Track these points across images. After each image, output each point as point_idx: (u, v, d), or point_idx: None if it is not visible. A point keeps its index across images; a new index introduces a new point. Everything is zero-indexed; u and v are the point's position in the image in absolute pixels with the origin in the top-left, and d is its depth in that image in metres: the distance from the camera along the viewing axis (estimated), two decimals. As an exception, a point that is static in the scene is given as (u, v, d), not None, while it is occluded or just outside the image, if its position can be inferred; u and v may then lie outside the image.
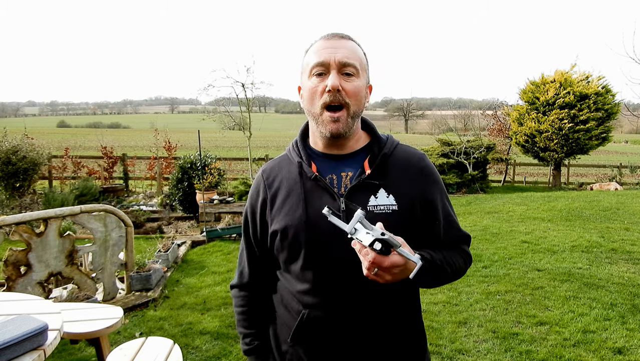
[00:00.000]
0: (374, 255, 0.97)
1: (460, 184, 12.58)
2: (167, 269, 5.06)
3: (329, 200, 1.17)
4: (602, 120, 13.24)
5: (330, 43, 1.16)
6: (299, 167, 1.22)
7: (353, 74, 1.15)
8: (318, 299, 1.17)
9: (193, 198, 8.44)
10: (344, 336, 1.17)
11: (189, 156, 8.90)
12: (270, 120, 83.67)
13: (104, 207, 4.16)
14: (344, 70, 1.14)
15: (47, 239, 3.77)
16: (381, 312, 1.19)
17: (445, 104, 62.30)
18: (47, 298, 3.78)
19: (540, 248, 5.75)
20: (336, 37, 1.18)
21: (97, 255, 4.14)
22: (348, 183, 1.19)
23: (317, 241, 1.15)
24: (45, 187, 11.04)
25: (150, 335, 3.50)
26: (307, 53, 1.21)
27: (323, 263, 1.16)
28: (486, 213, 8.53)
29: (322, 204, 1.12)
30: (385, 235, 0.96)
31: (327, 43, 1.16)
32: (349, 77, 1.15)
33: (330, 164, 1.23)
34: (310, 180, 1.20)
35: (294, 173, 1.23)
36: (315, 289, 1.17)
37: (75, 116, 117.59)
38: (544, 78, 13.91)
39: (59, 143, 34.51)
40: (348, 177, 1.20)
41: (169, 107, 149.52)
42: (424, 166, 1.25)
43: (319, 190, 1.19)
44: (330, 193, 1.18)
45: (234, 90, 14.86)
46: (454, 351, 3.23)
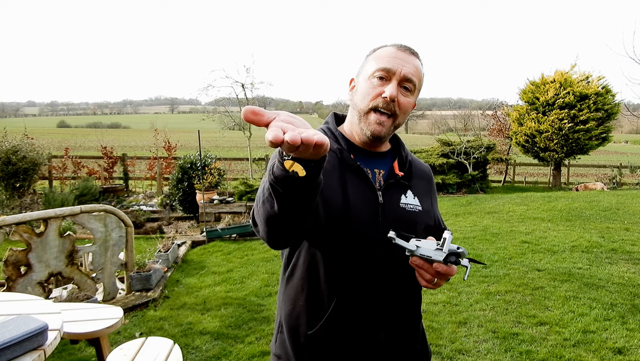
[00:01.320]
0: (445, 268, 1.06)
1: (460, 184, 12.58)
2: (167, 269, 5.06)
3: (367, 192, 1.21)
4: (602, 120, 13.24)
5: (402, 55, 1.21)
6: (339, 153, 1.24)
7: (410, 90, 1.21)
8: (350, 286, 1.18)
9: (193, 198, 8.44)
10: (367, 328, 1.20)
11: (189, 156, 8.90)
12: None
13: (104, 207, 4.16)
14: (404, 84, 1.20)
15: (47, 239, 3.77)
16: (405, 303, 1.26)
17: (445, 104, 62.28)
18: (47, 298, 3.78)
19: (540, 248, 5.75)
20: (408, 51, 1.22)
21: (97, 255, 4.14)
22: (381, 179, 1.26)
23: (355, 231, 1.17)
24: (45, 187, 11.04)
25: (150, 335, 3.50)
26: (373, 54, 1.25)
27: (359, 252, 1.18)
28: (486, 213, 8.53)
29: (360, 193, 1.19)
30: (461, 249, 1.06)
31: (399, 54, 1.21)
32: (406, 91, 1.21)
33: (364, 159, 1.28)
34: (350, 168, 1.23)
35: (333, 159, 1.23)
36: (349, 276, 1.18)
37: (75, 116, 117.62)
38: (544, 78, 13.91)
39: (59, 143, 34.53)
40: (381, 174, 1.27)
41: (169, 108, 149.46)
42: (431, 177, 1.43)
43: (357, 180, 1.22)
44: (370, 185, 1.22)
45: (234, 90, 14.88)
46: (454, 351, 3.23)
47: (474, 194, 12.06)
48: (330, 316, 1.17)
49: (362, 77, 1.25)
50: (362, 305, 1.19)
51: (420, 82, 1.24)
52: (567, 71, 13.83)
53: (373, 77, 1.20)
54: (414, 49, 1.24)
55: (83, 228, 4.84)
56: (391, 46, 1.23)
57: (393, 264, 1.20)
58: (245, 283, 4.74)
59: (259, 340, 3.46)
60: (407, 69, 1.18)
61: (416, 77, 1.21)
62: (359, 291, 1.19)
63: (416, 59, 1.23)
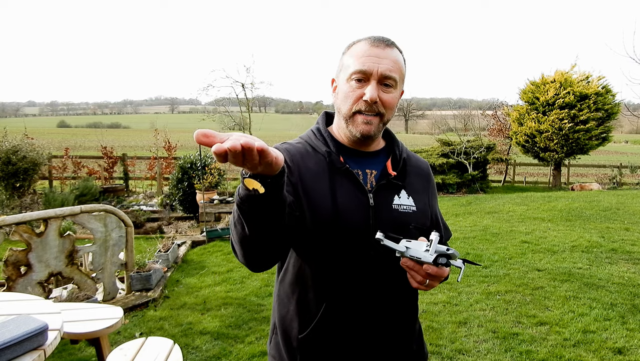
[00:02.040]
0: (435, 269, 1.03)
1: (460, 184, 12.58)
2: (167, 269, 5.06)
3: (358, 194, 1.18)
4: (602, 120, 13.24)
5: (375, 52, 1.15)
6: (327, 156, 1.21)
7: (392, 85, 1.16)
8: (340, 291, 1.17)
9: (193, 198, 8.43)
10: (359, 331, 1.18)
11: (189, 156, 8.90)
12: (270, 120, 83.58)
13: (104, 207, 4.16)
14: (384, 81, 1.15)
15: (47, 239, 3.77)
16: (397, 305, 1.23)
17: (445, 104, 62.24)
18: (47, 298, 3.78)
19: (541, 248, 5.75)
20: (382, 44, 1.16)
21: (97, 255, 4.14)
22: (373, 180, 1.23)
23: (345, 236, 1.15)
24: (45, 187, 11.04)
25: (150, 335, 3.50)
26: (348, 51, 1.20)
27: (348, 257, 1.16)
28: (486, 213, 8.53)
29: (350, 197, 1.17)
30: (450, 250, 1.04)
31: (373, 50, 1.15)
32: (388, 87, 1.16)
33: (355, 160, 1.24)
34: (339, 172, 1.20)
35: (321, 162, 1.21)
36: (338, 282, 1.17)
37: (75, 116, 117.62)
38: (544, 78, 13.91)
39: (59, 143, 34.53)
40: (373, 175, 1.23)
41: (169, 108, 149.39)
42: (430, 173, 1.38)
43: (346, 182, 1.19)
44: (361, 187, 1.19)
45: (234, 90, 14.86)
46: (454, 351, 3.23)
47: (474, 194, 12.06)
48: (320, 321, 1.17)
49: (342, 79, 1.20)
50: (353, 309, 1.17)
51: (401, 73, 1.19)
52: (567, 71, 13.82)
53: (351, 79, 1.16)
54: (389, 40, 1.18)
55: (83, 228, 4.83)
56: (365, 41, 1.18)
57: (384, 267, 1.17)
58: (245, 282, 4.74)
59: (259, 339, 3.46)
60: (384, 66, 1.13)
61: (395, 71, 1.15)
62: (349, 296, 1.17)
63: (393, 49, 1.17)
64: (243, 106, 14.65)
